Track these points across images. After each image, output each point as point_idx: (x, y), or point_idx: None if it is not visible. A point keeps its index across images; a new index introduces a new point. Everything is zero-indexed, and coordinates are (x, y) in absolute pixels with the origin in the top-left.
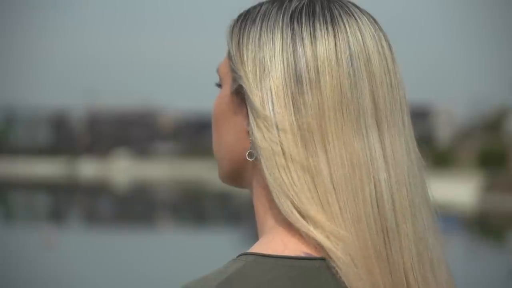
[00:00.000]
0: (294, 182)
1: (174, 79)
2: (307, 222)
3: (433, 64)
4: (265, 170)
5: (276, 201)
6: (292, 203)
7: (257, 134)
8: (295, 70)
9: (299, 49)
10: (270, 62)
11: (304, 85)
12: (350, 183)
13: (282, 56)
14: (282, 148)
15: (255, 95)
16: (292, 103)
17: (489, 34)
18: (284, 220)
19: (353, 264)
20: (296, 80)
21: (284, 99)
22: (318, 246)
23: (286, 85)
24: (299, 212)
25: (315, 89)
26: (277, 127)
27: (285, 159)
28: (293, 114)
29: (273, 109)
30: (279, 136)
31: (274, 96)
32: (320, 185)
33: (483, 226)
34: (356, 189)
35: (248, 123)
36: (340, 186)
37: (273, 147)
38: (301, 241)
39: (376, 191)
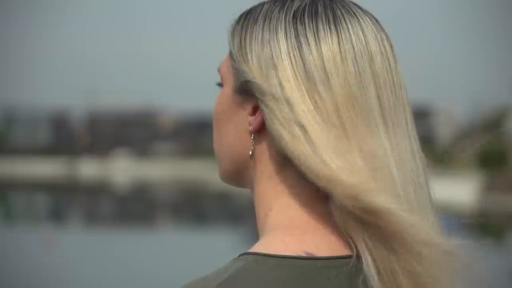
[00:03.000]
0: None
1: (174, 79)
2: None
3: (433, 64)
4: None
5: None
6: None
7: (275, 123)
8: (304, 68)
9: (305, 48)
10: (277, 59)
11: (317, 82)
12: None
13: (289, 54)
14: (312, 140)
15: (265, 86)
16: (308, 96)
17: (489, 34)
18: (285, 219)
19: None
20: (307, 78)
21: (299, 92)
22: (320, 245)
23: (298, 80)
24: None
25: (327, 87)
26: (297, 117)
27: (314, 148)
28: (312, 107)
29: (287, 100)
30: (303, 126)
31: (286, 88)
32: None
33: (483, 226)
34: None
35: (250, 123)
36: None
37: (296, 135)
38: (302, 241)
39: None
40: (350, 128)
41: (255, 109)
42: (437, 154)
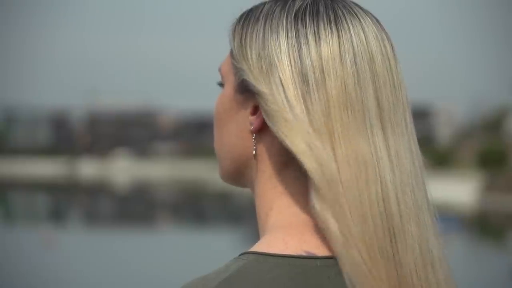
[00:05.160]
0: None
1: (174, 79)
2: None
3: (433, 64)
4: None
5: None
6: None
7: (277, 121)
8: (301, 70)
9: (304, 49)
10: (278, 60)
11: (310, 84)
12: (357, 183)
13: (288, 55)
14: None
15: (263, 85)
16: (303, 99)
17: (489, 34)
18: (285, 219)
19: (362, 262)
20: (303, 80)
21: (295, 94)
22: (320, 244)
23: (295, 82)
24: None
25: (321, 88)
26: (294, 113)
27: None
28: (304, 110)
29: (286, 99)
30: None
31: (285, 89)
32: None
33: (483, 226)
34: (361, 189)
35: (251, 122)
36: (347, 185)
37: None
38: (303, 240)
39: (383, 191)
40: (338, 131)
41: (256, 109)
42: (437, 154)
